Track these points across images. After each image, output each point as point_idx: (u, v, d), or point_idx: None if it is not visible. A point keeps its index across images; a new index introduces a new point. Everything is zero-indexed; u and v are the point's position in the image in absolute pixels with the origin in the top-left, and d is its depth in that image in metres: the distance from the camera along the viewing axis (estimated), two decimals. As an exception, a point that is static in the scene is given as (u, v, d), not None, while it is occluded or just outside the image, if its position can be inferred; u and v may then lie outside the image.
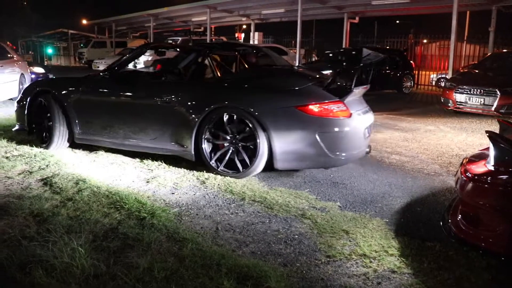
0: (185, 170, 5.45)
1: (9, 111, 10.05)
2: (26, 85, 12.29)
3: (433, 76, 19.73)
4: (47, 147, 6.21)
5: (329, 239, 3.65)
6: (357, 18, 21.77)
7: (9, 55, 11.79)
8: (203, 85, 5.56)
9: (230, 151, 5.14)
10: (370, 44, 22.43)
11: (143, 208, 4.05)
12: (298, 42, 19.04)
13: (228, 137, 5.11)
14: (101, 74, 6.08)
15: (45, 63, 45.38)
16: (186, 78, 5.75)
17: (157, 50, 7.29)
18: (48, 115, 6.14)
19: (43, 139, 6.36)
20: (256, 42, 24.94)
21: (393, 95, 16.28)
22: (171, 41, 23.23)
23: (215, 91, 5.30)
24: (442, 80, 18.08)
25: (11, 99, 11.47)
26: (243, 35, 37.68)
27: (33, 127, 6.51)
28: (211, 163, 5.22)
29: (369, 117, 5.48)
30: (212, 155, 5.24)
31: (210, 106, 5.06)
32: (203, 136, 5.16)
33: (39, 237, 3.39)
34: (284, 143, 4.85)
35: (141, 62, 19.46)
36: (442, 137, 8.28)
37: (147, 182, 4.99)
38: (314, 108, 4.80)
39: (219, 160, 5.21)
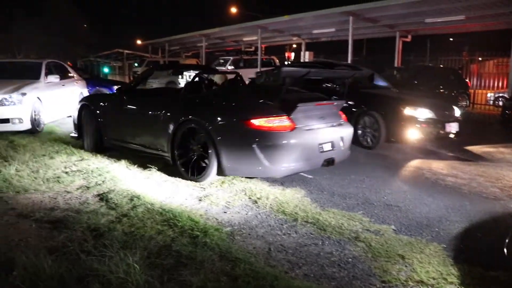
0: (237, 189, 5.47)
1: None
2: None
3: (490, 95, 19.04)
4: (82, 148, 7.47)
5: (384, 264, 3.54)
6: (409, 37, 21.39)
7: (69, 75, 12.32)
8: (183, 100, 6.23)
9: (194, 158, 5.80)
10: (423, 63, 21.97)
11: (196, 226, 4.07)
12: (349, 61, 18.90)
13: (192, 147, 5.81)
14: (118, 91, 7.39)
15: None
16: (180, 94, 6.59)
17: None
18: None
19: (82, 142, 7.77)
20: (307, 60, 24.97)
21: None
22: (222, 60, 23.63)
23: (187, 106, 5.99)
24: (500, 99, 17.41)
25: (71, 116, 11.94)
26: (292, 54, 37.81)
27: (81, 133, 7.81)
28: (177, 164, 5.98)
29: (335, 131, 5.89)
30: (180, 160, 5.97)
31: (181, 119, 5.86)
32: (175, 144, 5.94)
33: (96, 252, 3.47)
34: (229, 153, 5.38)
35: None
36: (501, 159, 7.94)
37: (200, 200, 5.04)
38: (255, 121, 5.24)
39: (184, 164, 5.91)
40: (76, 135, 7.98)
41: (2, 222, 4.20)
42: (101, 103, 7.45)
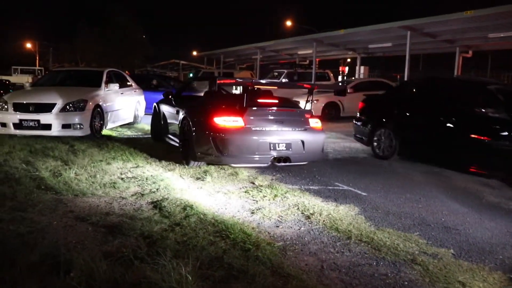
0: (290, 203, 5.41)
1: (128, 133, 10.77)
2: (140, 111, 13.17)
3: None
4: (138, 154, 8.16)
5: (443, 290, 3.37)
6: (470, 52, 20.74)
7: (128, 83, 12.69)
8: (187, 101, 8.31)
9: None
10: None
11: (248, 239, 4.05)
12: (406, 77, 18.48)
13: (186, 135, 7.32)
14: (170, 96, 9.04)
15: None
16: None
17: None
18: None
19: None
20: (361, 76, 24.67)
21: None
22: (276, 73, 23.68)
23: (185, 106, 7.80)
24: None
25: (127, 124, 12.29)
26: (347, 68, 37.46)
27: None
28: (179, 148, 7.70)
29: (294, 135, 6.83)
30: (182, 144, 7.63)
31: (182, 115, 7.62)
32: (180, 133, 7.65)
33: (149, 259, 3.50)
34: (199, 143, 6.75)
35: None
36: None
37: (252, 213, 5.02)
38: (217, 120, 6.57)
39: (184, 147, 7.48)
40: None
41: (61, 223, 4.33)
42: (159, 104, 9.41)
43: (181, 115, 7.72)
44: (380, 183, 6.77)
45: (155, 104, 9.83)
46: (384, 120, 8.86)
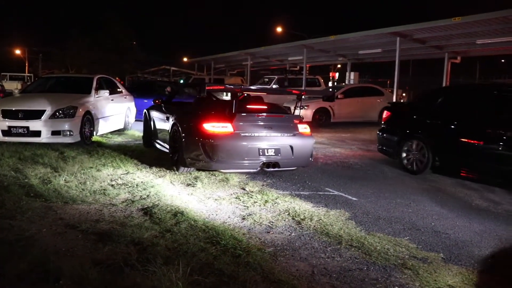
0: (280, 209, 5.42)
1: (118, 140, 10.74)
2: (131, 117, 13.13)
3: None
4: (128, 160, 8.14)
5: (433, 294, 3.39)
6: (458, 58, 20.90)
7: (118, 90, 12.65)
8: (177, 107, 8.41)
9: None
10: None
11: (238, 245, 4.05)
12: (395, 82, 18.60)
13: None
14: (161, 103, 9.13)
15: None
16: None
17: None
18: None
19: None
20: (352, 82, 24.79)
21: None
22: (267, 79, 23.73)
23: (175, 112, 7.88)
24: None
25: (118, 130, 12.25)
26: (337, 74, 37.65)
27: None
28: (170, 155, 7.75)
29: (283, 140, 6.94)
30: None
31: (172, 121, 7.69)
32: (170, 139, 7.70)
33: (140, 266, 3.49)
34: (188, 149, 6.86)
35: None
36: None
37: (243, 219, 5.02)
38: (207, 126, 6.68)
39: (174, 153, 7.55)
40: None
41: (51, 231, 4.30)
42: (149, 111, 9.58)
43: (171, 121, 7.80)
44: (371, 188, 6.80)
45: (145, 110, 9.89)
46: (415, 130, 8.11)
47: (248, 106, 7.24)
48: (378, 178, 7.61)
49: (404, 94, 22.83)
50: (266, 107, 7.42)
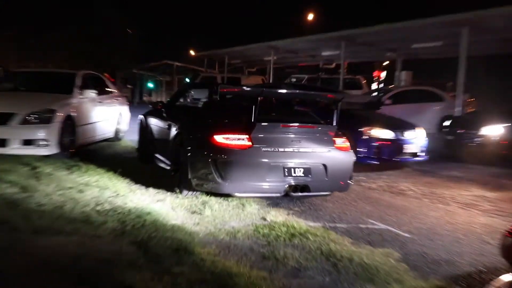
0: (310, 245, 5.34)
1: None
2: (123, 124, 13.20)
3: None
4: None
5: None
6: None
7: (108, 90, 12.75)
8: (181, 113, 8.79)
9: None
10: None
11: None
12: (460, 84, 18.17)
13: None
14: (161, 107, 9.35)
15: (144, 98, 48.69)
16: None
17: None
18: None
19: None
20: (403, 83, 24.56)
21: None
22: (294, 79, 23.74)
23: (179, 119, 8.13)
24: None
25: (106, 140, 12.31)
26: (384, 73, 37.45)
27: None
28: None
29: (315, 157, 6.92)
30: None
31: (175, 130, 7.84)
32: (173, 153, 7.82)
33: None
34: (195, 167, 6.84)
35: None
36: None
37: (263, 257, 4.96)
38: (218, 137, 6.66)
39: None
40: None
41: (17, 270, 4.26)
42: (147, 116, 9.89)
43: (173, 131, 7.85)
44: (428, 220, 6.68)
45: (141, 116, 10.08)
46: None
47: (270, 114, 7.21)
48: (438, 208, 7.49)
49: (471, 100, 22.48)
50: (293, 114, 7.43)
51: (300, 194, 6.84)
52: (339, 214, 6.84)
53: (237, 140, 6.65)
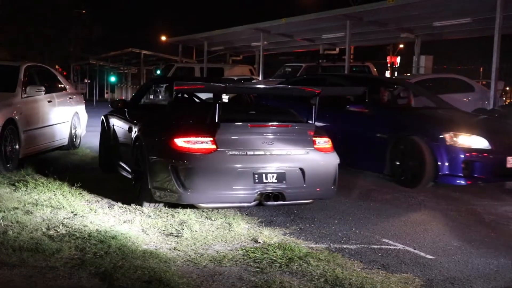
0: (312, 272, 5.37)
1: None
2: (80, 128, 13.18)
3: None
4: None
5: None
6: None
7: (59, 86, 12.73)
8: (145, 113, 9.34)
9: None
10: None
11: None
12: (493, 70, 18.10)
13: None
14: (123, 106, 9.56)
15: (106, 95, 48.62)
16: None
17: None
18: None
19: None
20: (422, 71, 24.64)
21: None
22: (289, 69, 23.73)
23: (141, 120, 8.39)
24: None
25: (59, 148, 12.29)
26: (398, 58, 37.59)
27: None
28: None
29: (290, 160, 7.25)
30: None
31: (135, 133, 8.12)
32: (132, 159, 8.15)
33: None
34: (154, 175, 7.18)
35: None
36: None
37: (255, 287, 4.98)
38: (178, 141, 6.98)
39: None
40: None
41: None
42: (110, 117, 10.09)
43: (133, 134, 8.17)
44: (455, 239, 6.72)
45: (102, 116, 10.35)
46: None
47: (237, 113, 7.60)
48: (468, 222, 7.54)
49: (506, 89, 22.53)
50: (265, 112, 7.85)
51: (274, 203, 7.13)
52: (346, 233, 6.86)
53: (200, 143, 6.96)
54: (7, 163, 9.63)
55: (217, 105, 6.97)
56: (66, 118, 12.40)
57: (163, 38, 49.86)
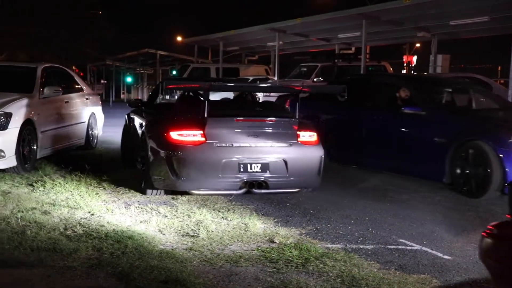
0: (329, 272, 5.36)
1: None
2: (97, 129, 13.22)
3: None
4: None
5: None
6: None
7: (76, 86, 12.77)
8: (157, 110, 10.00)
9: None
10: None
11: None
12: (511, 69, 17.90)
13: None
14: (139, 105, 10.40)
15: (122, 96, 48.73)
16: None
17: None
18: None
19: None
20: (439, 70, 24.50)
21: None
22: (305, 69, 23.69)
23: (149, 117, 9.29)
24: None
25: (77, 148, 12.32)
26: (415, 58, 37.40)
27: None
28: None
29: (274, 152, 7.97)
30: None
31: (142, 129, 9.08)
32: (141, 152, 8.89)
33: None
34: (154, 165, 8.00)
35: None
36: None
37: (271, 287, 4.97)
38: (173, 134, 7.78)
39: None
40: None
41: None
42: (132, 114, 10.65)
43: (142, 129, 9.04)
44: (473, 240, 6.68)
45: (126, 115, 10.83)
46: None
47: (224, 109, 8.54)
48: (486, 223, 7.48)
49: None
50: (251, 107, 8.65)
51: (258, 191, 7.89)
52: (362, 233, 6.84)
53: (192, 136, 7.75)
54: (25, 164, 9.67)
55: (206, 102, 7.86)
56: (83, 119, 12.45)
57: (179, 38, 49.95)
